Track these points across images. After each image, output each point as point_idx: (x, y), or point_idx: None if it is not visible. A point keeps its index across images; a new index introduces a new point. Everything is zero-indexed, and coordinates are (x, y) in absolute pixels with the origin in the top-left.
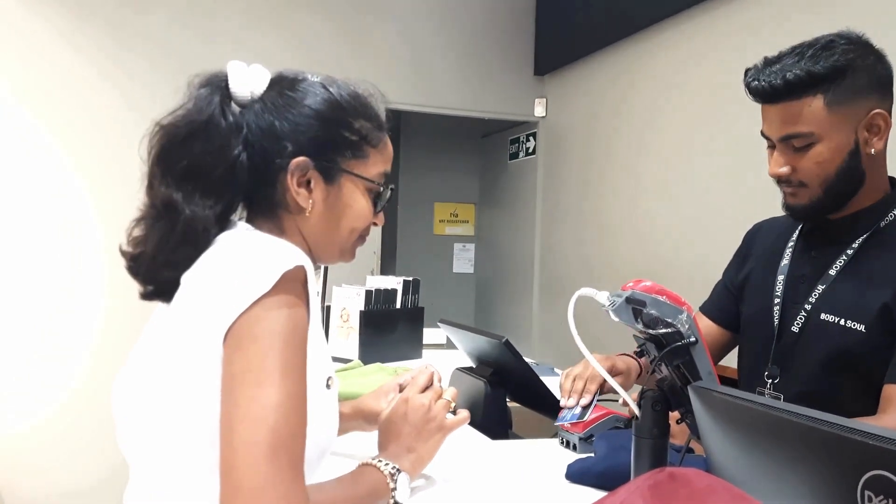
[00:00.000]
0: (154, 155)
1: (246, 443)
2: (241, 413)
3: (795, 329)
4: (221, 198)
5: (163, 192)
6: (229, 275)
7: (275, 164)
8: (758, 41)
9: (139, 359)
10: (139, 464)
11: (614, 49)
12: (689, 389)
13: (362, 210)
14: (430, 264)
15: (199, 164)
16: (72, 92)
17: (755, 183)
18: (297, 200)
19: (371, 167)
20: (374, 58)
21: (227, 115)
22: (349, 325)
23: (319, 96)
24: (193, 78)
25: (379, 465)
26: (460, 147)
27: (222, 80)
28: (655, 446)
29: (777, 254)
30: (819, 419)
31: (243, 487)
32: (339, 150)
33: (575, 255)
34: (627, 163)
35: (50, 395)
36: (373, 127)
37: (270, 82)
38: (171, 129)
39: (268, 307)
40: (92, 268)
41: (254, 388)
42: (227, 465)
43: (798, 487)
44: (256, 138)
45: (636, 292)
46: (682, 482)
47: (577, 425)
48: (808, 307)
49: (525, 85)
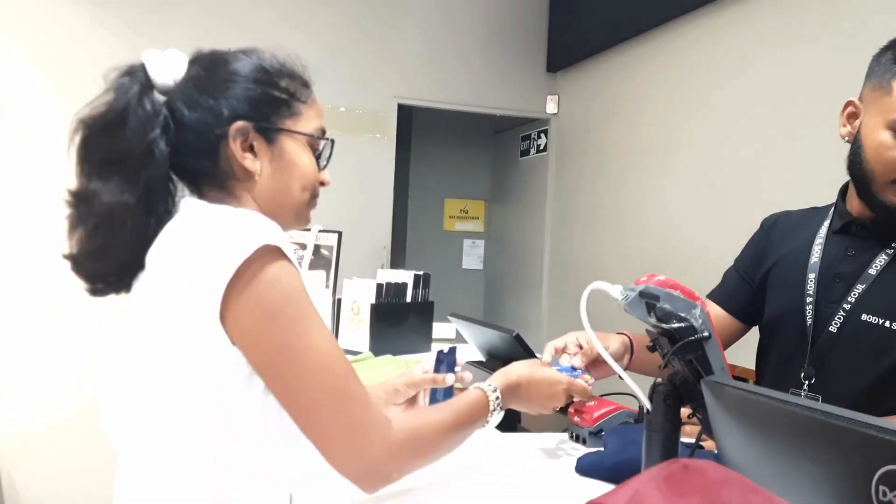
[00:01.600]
0: (77, 148)
1: (319, 405)
2: (299, 384)
3: (833, 329)
4: (138, 183)
5: (81, 182)
6: (204, 251)
7: (214, 134)
8: (771, 40)
9: (125, 353)
10: (129, 450)
11: (627, 46)
12: (702, 384)
13: (308, 167)
14: (439, 260)
15: (115, 151)
16: (72, 92)
17: (768, 180)
18: (245, 165)
19: (306, 122)
20: (387, 54)
21: (144, 102)
22: (360, 317)
23: (241, 63)
24: (110, 71)
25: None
26: (471, 143)
27: (140, 69)
28: (667, 440)
29: (804, 251)
30: (833, 414)
31: (340, 439)
32: (273, 110)
33: (585, 253)
34: (639, 161)
35: (50, 391)
36: (299, 84)
37: (189, 63)
38: (89, 122)
39: (259, 277)
40: None
41: (293, 357)
42: (312, 430)
43: (812, 482)
44: (188, 117)
45: (650, 286)
46: (697, 473)
47: (586, 420)
48: (846, 307)
49: (537, 82)
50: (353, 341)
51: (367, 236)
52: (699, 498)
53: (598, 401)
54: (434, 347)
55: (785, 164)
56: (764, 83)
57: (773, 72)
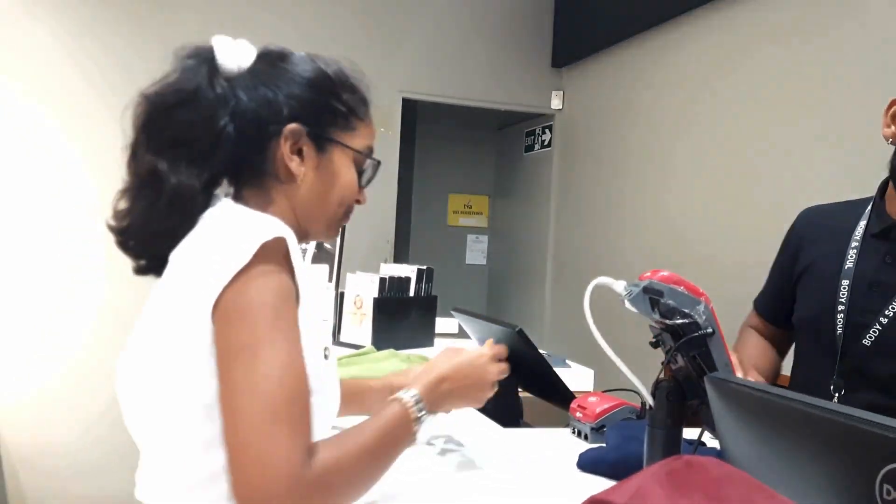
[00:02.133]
0: (139, 124)
1: (243, 416)
2: (236, 386)
3: (867, 342)
4: (206, 168)
5: (148, 160)
6: (210, 251)
7: (268, 129)
8: (777, 37)
9: (137, 341)
10: (144, 444)
11: (633, 42)
12: (705, 380)
13: (350, 181)
14: (442, 255)
15: (186, 133)
16: (71, 90)
17: (775, 177)
18: (290, 167)
19: (358, 139)
20: (392, 47)
21: (214, 86)
22: (362, 311)
23: (309, 66)
24: (179, 49)
25: (409, 406)
26: (476, 139)
27: (209, 52)
28: (669, 436)
29: (838, 254)
30: (838, 411)
31: (246, 459)
32: (330, 120)
33: (589, 249)
34: (644, 157)
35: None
36: (359, 100)
37: (257, 56)
38: (157, 98)
39: (250, 278)
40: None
41: (248, 359)
42: (229, 436)
43: (815, 480)
44: (248, 107)
45: (654, 282)
46: (699, 470)
47: (589, 415)
48: (883, 321)
49: (542, 77)
50: (355, 335)
51: (370, 230)
52: (702, 495)
53: (600, 396)
54: (437, 342)
55: (792, 162)
56: (771, 80)
57: (782, 68)
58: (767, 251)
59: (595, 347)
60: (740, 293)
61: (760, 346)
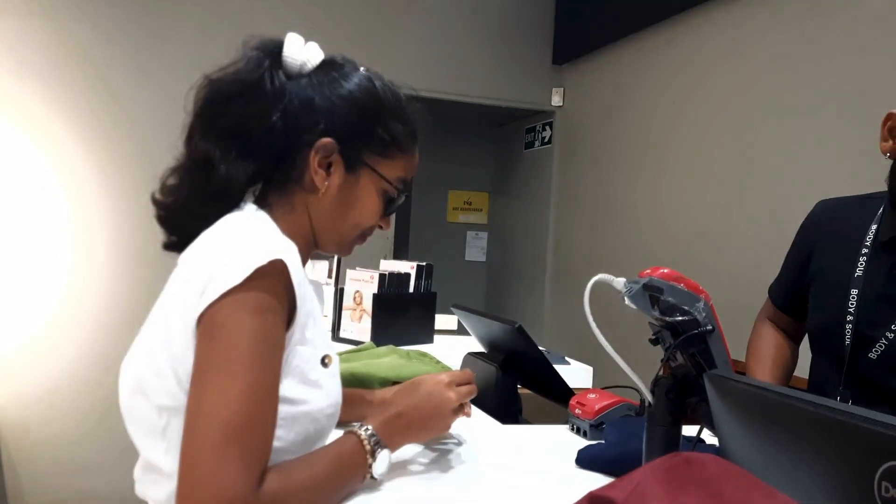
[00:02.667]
0: (198, 108)
1: (201, 433)
2: (199, 403)
3: (873, 356)
4: (255, 161)
5: (202, 146)
6: (209, 263)
7: (303, 138)
8: (779, 33)
9: (140, 341)
10: (139, 445)
11: (635, 39)
12: (705, 377)
13: (372, 208)
14: (442, 252)
15: (240, 123)
16: (72, 88)
17: (776, 174)
18: (314, 179)
19: (393, 170)
20: (392, 45)
21: (274, 80)
22: (362, 307)
23: (363, 86)
24: (249, 38)
25: (362, 437)
26: (476, 135)
27: (277, 46)
28: (668, 434)
29: (848, 260)
30: (837, 409)
31: (192, 475)
32: (367, 143)
33: (588, 246)
34: (644, 155)
35: (57, 377)
36: (406, 133)
37: (322, 62)
38: (219, 85)
39: (236, 301)
40: (97, 255)
41: (215, 378)
42: (182, 451)
43: (814, 478)
44: (294, 109)
45: (654, 279)
46: (698, 467)
47: (587, 412)
48: (890, 335)
49: (543, 74)
50: (355, 332)
51: None
52: (701, 492)
53: (599, 393)
54: (436, 339)
55: (794, 159)
56: (773, 76)
57: (784, 66)
58: (768, 249)
59: (594, 345)
60: (740, 290)
61: (777, 338)
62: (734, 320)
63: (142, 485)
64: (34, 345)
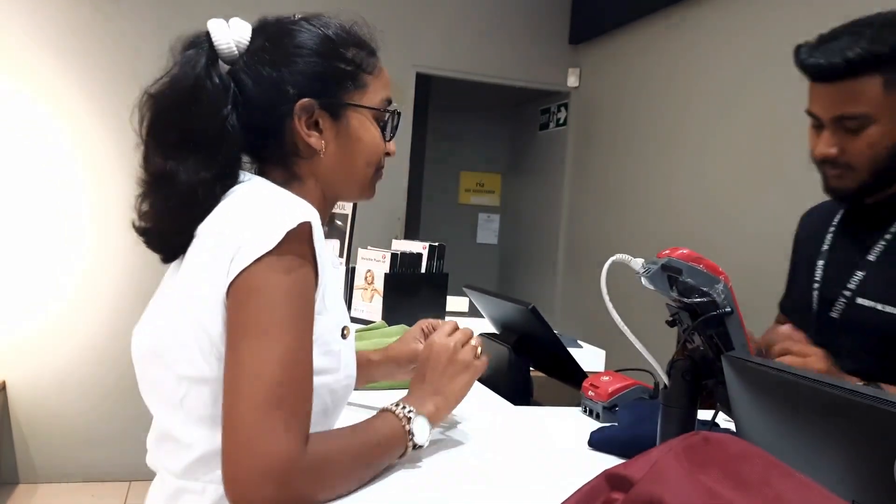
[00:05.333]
0: (146, 126)
1: (244, 395)
2: (241, 366)
3: (835, 315)
4: (216, 160)
5: (157, 161)
6: (235, 231)
7: (279, 110)
8: (799, 14)
9: (154, 310)
10: (155, 414)
11: (652, 19)
12: (723, 359)
13: (374, 141)
14: (453, 233)
15: (190, 128)
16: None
17: (789, 159)
18: (309, 143)
19: (373, 95)
20: (406, 22)
21: (213, 76)
22: (373, 287)
23: (307, 34)
24: (175, 42)
25: (395, 411)
26: (489, 116)
27: (205, 40)
28: (684, 416)
29: (820, 239)
30: (857, 391)
31: (239, 438)
32: (339, 84)
33: (602, 230)
34: (661, 138)
35: (77, 348)
36: (366, 54)
37: (253, 32)
38: (160, 98)
39: (270, 265)
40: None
41: (255, 341)
42: (226, 416)
43: (832, 460)
44: (253, 92)
45: (673, 259)
46: (717, 446)
47: (601, 394)
48: (847, 293)
49: (559, 54)
50: (366, 312)
51: (381, 206)
52: (719, 470)
53: (612, 376)
54: (447, 320)
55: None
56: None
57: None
58: (787, 233)
59: (606, 328)
60: (758, 275)
61: None
62: (748, 304)
63: (155, 455)
64: (47, 324)
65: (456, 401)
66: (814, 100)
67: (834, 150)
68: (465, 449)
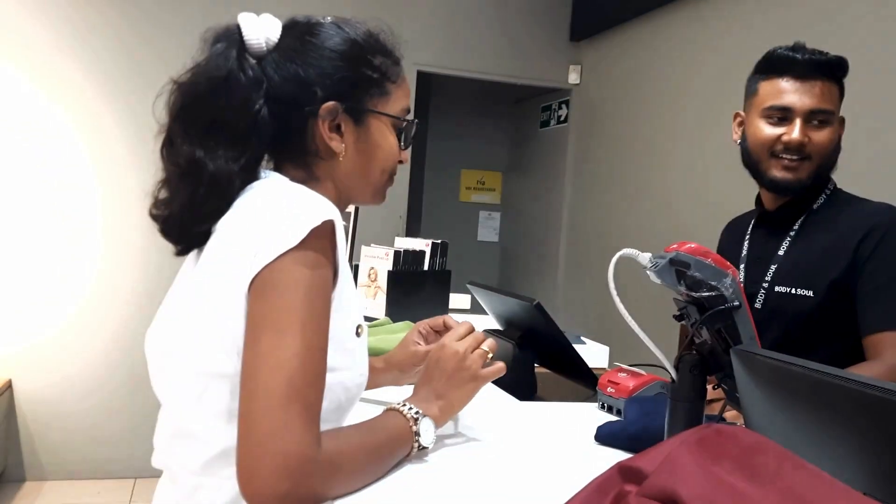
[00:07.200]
0: (174, 113)
1: (262, 389)
2: (260, 360)
3: (758, 306)
4: (244, 152)
5: (185, 149)
6: (259, 226)
7: (304, 111)
8: (799, 10)
9: (170, 306)
10: (170, 410)
11: (655, 16)
12: (731, 353)
13: (391, 148)
14: (454, 231)
15: (221, 119)
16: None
17: None
18: (330, 146)
19: (394, 103)
20: (406, 19)
21: (245, 69)
22: (377, 284)
23: (338, 37)
24: (206, 33)
25: (402, 410)
26: (490, 113)
27: (235, 33)
28: (692, 410)
29: (739, 245)
30: (867, 383)
31: (256, 432)
32: (364, 90)
33: (604, 227)
34: (662, 134)
35: (83, 346)
36: (391, 62)
37: (283, 29)
38: (191, 87)
39: (293, 260)
40: (127, 235)
41: (274, 336)
42: (243, 409)
43: (842, 453)
44: (280, 89)
45: (681, 254)
46: (729, 438)
47: (622, 390)
48: (765, 285)
49: (559, 51)
50: (370, 309)
51: (383, 204)
52: (732, 462)
53: (628, 372)
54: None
55: None
56: None
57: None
58: None
59: (608, 325)
60: None
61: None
62: None
63: (166, 454)
64: (53, 322)
65: (459, 407)
66: (788, 93)
67: (806, 138)
68: (471, 444)
